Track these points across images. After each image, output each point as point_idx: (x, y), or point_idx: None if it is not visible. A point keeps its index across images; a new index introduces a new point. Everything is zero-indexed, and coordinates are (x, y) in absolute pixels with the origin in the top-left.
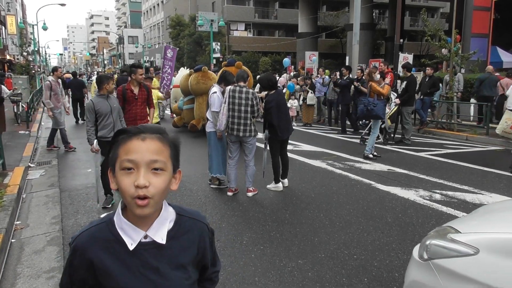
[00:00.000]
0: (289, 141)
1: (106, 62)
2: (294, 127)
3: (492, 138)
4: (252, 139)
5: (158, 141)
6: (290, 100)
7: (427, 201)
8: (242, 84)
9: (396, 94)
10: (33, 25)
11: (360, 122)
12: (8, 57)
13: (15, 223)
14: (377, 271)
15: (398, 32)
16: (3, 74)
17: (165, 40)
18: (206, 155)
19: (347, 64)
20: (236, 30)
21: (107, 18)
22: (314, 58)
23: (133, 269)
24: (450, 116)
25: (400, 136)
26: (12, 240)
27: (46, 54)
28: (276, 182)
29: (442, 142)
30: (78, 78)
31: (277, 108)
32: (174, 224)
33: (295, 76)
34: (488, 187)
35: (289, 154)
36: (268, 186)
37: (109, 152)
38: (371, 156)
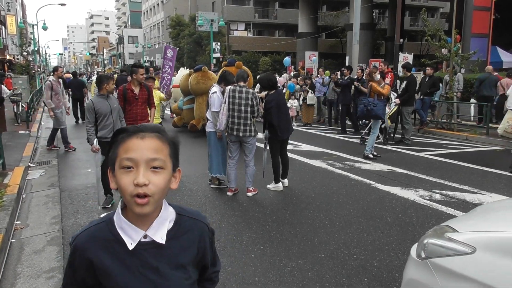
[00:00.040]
0: (289, 141)
1: (106, 62)
2: (294, 127)
3: (492, 138)
4: (252, 139)
5: (157, 139)
6: (290, 100)
7: (427, 201)
8: (242, 84)
9: (396, 94)
10: (33, 25)
11: (360, 122)
12: (8, 57)
13: (15, 223)
14: (377, 271)
15: (398, 32)
16: (3, 74)
17: (165, 40)
18: (206, 155)
19: (347, 64)
20: (236, 30)
21: (107, 18)
22: (314, 58)
23: (132, 269)
24: (450, 116)
25: (400, 136)
26: (12, 240)
27: (46, 54)
28: (276, 182)
29: (442, 142)
30: (78, 78)
31: (277, 108)
32: (174, 224)
33: (295, 76)
34: (488, 187)
35: (289, 154)
36: (268, 186)
37: (108, 152)
38: (371, 156)
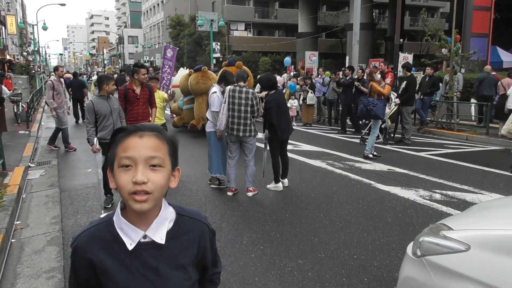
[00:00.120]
0: (289, 141)
1: (106, 62)
2: (294, 127)
3: (492, 138)
4: (252, 139)
5: (155, 138)
6: (290, 100)
7: (427, 201)
8: (242, 84)
9: (396, 94)
10: (33, 25)
11: (360, 122)
12: (8, 57)
13: (15, 223)
14: (377, 271)
15: (398, 32)
16: (3, 74)
17: (165, 40)
18: (206, 155)
19: (347, 64)
20: (236, 30)
21: (107, 18)
22: (314, 58)
23: (132, 269)
24: (450, 116)
25: (400, 136)
26: (12, 240)
27: (46, 54)
28: (276, 182)
29: (442, 142)
30: (78, 78)
31: (277, 108)
32: (174, 224)
33: (295, 76)
34: (488, 187)
35: (289, 154)
36: (268, 186)
37: (108, 152)
38: (371, 156)
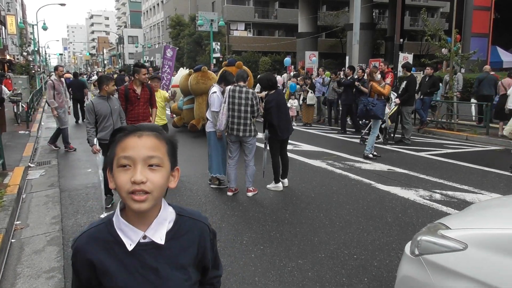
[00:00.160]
0: (289, 141)
1: (106, 62)
2: (294, 127)
3: (492, 138)
4: (252, 139)
5: (154, 138)
6: (290, 100)
7: (427, 201)
8: (242, 84)
9: (396, 94)
10: (33, 25)
11: (360, 122)
12: (8, 57)
13: (15, 223)
14: (377, 271)
15: (398, 32)
16: (3, 75)
17: (165, 40)
18: (206, 155)
19: (347, 64)
20: (236, 30)
21: (107, 18)
22: (314, 59)
23: (132, 269)
24: (450, 116)
25: (400, 136)
26: (12, 240)
27: (46, 54)
28: (276, 182)
29: (442, 142)
30: (79, 78)
31: (277, 108)
32: (173, 224)
33: (295, 76)
34: (488, 187)
35: (289, 154)
36: (268, 186)
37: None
38: (371, 156)
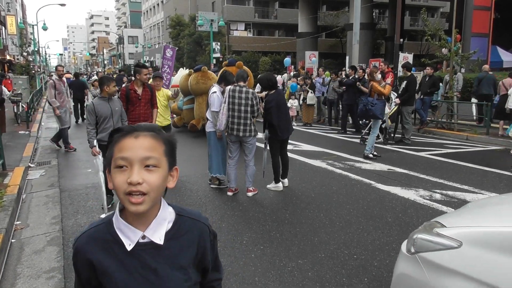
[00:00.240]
0: (289, 141)
1: (106, 62)
2: (294, 127)
3: (493, 137)
4: (252, 139)
5: (151, 138)
6: (290, 100)
7: (427, 200)
8: (242, 84)
9: (396, 94)
10: (33, 25)
11: (360, 122)
12: (8, 57)
13: (15, 223)
14: (377, 271)
15: (398, 32)
16: (3, 75)
17: (165, 40)
18: (206, 155)
19: (347, 64)
20: (236, 30)
21: (107, 18)
22: (314, 59)
23: (131, 270)
24: (450, 116)
25: (400, 135)
26: (12, 240)
27: (46, 54)
28: (276, 182)
29: (442, 141)
30: (79, 79)
31: (277, 108)
32: (173, 224)
33: (295, 76)
34: (488, 187)
35: (289, 154)
36: (268, 186)
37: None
38: (371, 156)
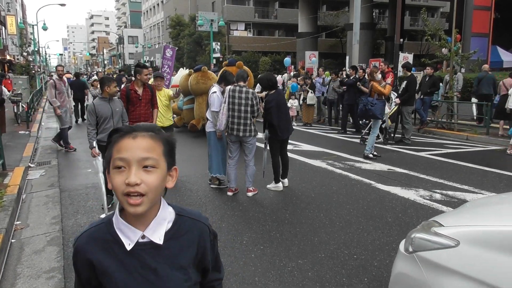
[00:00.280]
0: (289, 141)
1: (106, 62)
2: (294, 127)
3: (493, 137)
4: (252, 139)
5: (149, 138)
6: (290, 100)
7: (427, 200)
8: (242, 84)
9: (396, 94)
10: (33, 25)
11: (361, 122)
12: (8, 57)
13: (15, 223)
14: (377, 271)
15: (398, 32)
16: (3, 75)
17: (165, 40)
18: (206, 155)
19: (347, 64)
20: (236, 30)
21: (107, 18)
22: (314, 59)
23: (131, 269)
24: (450, 116)
25: (400, 135)
26: (12, 240)
27: (46, 54)
28: (276, 182)
29: (442, 141)
30: (80, 79)
31: (277, 108)
32: (173, 224)
33: (295, 76)
34: (489, 187)
35: (289, 154)
36: (268, 186)
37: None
38: (371, 156)
